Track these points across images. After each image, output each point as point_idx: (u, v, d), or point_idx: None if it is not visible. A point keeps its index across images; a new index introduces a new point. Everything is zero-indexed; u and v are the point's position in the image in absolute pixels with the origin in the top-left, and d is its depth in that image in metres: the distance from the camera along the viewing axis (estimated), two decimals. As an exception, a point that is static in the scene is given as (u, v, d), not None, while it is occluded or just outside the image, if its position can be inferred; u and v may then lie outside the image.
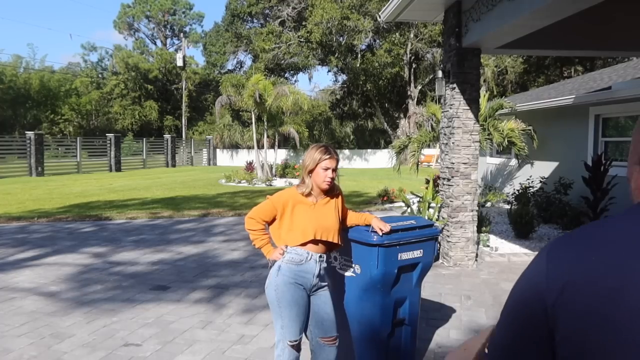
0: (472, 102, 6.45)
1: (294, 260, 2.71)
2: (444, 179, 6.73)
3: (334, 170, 2.78)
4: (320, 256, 2.76)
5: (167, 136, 31.40)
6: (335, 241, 2.80)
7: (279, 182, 18.49)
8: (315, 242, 2.74)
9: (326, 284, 2.85)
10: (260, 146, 21.40)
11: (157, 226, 9.17)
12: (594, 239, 0.78)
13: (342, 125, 39.31)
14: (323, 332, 2.79)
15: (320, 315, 2.78)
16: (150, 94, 42.33)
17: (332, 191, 2.87)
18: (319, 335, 2.79)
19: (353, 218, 3.06)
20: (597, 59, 28.39)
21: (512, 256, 6.68)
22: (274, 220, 2.82)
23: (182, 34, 46.72)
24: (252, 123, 21.37)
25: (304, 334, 2.79)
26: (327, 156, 2.74)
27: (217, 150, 35.22)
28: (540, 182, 10.27)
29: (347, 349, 3.09)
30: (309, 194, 2.78)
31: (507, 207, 9.63)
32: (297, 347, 2.72)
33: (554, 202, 9.09)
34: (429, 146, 20.09)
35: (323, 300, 2.80)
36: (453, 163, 6.46)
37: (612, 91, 8.69)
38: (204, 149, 35.04)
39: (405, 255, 2.99)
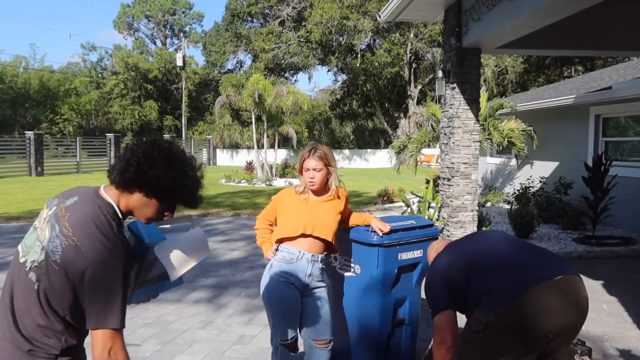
0: (472, 102, 6.45)
1: (284, 259, 2.66)
2: (444, 178, 6.73)
3: (316, 170, 2.70)
4: (313, 256, 2.68)
5: (167, 136, 31.27)
6: (329, 239, 2.72)
7: (279, 182, 18.48)
8: (307, 239, 2.68)
9: (323, 285, 2.77)
10: (260, 146, 21.40)
11: (157, 226, 9.16)
12: (449, 248, 2.55)
13: (342, 125, 39.30)
14: (315, 334, 2.71)
15: (313, 316, 2.70)
16: (150, 93, 42.29)
17: (322, 192, 2.80)
18: (311, 337, 2.72)
19: (353, 218, 3.04)
20: (597, 59, 28.38)
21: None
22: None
23: (182, 33, 46.72)
24: (251, 123, 21.36)
25: (300, 334, 2.75)
26: (307, 155, 2.72)
27: (217, 150, 35.22)
28: (541, 182, 10.27)
29: (347, 349, 3.09)
30: (302, 192, 2.78)
31: (507, 207, 9.62)
32: (290, 347, 2.64)
33: (554, 202, 9.08)
34: (429, 146, 20.08)
35: (318, 301, 2.72)
36: (453, 163, 6.46)
37: (612, 91, 8.68)
38: (203, 149, 35.02)
39: (406, 255, 2.99)
